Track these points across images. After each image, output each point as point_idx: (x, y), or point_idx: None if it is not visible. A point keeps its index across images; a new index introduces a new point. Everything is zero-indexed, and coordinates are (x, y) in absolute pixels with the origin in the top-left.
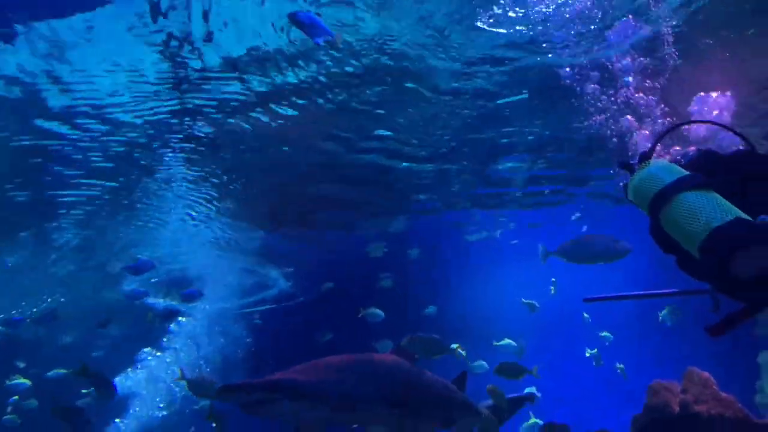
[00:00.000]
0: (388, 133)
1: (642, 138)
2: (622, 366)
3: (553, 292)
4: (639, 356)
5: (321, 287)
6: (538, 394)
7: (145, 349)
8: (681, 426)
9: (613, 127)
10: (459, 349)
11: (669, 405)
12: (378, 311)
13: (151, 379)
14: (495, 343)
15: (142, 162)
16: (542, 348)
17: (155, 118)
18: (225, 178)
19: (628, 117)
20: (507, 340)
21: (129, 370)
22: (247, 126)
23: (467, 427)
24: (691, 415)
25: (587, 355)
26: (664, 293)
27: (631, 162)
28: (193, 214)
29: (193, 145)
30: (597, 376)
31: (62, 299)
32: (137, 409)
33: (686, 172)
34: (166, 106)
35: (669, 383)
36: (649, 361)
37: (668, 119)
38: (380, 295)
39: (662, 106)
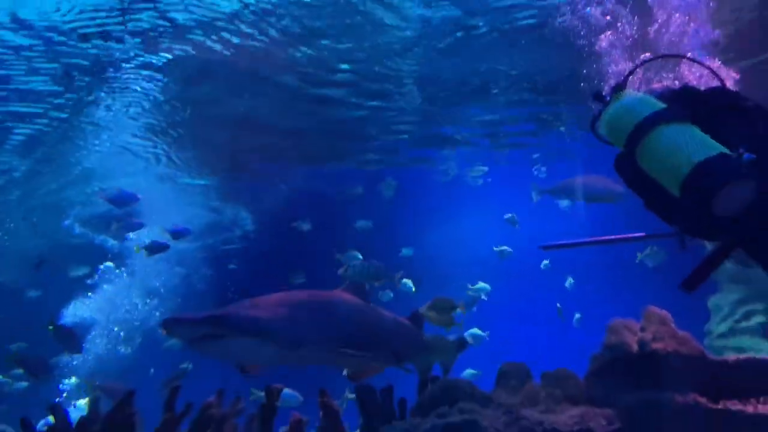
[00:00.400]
0: (348, 66)
1: (615, 72)
2: (559, 305)
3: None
4: (594, 301)
5: (290, 227)
6: (484, 334)
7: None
8: (639, 363)
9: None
10: (399, 277)
11: (627, 343)
12: (357, 254)
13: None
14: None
15: (83, 84)
16: (512, 294)
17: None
18: (174, 109)
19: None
20: (481, 284)
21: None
22: (194, 52)
23: (427, 363)
24: (648, 352)
25: (558, 307)
26: (624, 238)
27: (604, 94)
28: (141, 145)
29: (142, 72)
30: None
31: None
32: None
33: (663, 105)
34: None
35: (628, 322)
36: (604, 305)
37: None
38: (352, 236)
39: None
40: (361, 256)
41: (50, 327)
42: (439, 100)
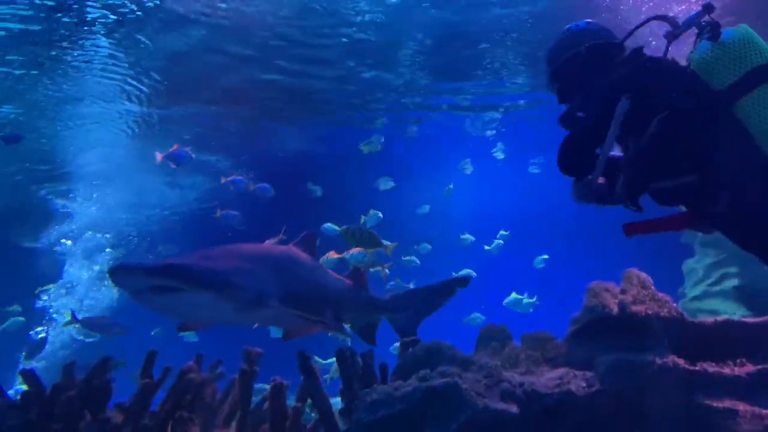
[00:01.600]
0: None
1: None
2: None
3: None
4: (570, 263)
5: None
6: (473, 274)
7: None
8: (618, 325)
9: None
10: (390, 247)
11: (607, 305)
12: (378, 213)
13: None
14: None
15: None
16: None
17: None
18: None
19: None
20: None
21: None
22: None
23: (367, 323)
24: (628, 314)
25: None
26: None
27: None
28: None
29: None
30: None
31: None
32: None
33: None
34: None
35: (608, 284)
36: (579, 268)
37: None
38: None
39: None
40: (381, 215)
41: None
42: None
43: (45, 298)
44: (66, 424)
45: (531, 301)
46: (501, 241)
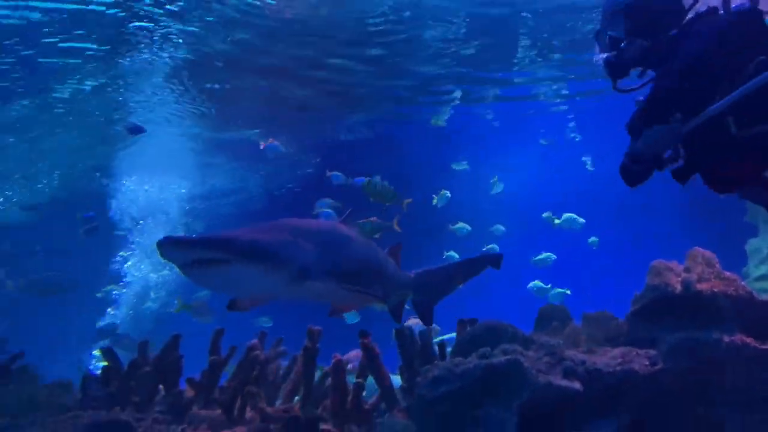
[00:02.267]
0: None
1: None
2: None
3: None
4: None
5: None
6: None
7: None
8: (682, 304)
9: None
10: (405, 202)
11: (670, 284)
12: (447, 193)
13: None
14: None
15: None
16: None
17: None
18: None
19: None
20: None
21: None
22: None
23: (399, 300)
24: (693, 293)
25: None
26: None
27: None
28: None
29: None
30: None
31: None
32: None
33: None
34: None
35: (671, 263)
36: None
37: None
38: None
39: None
40: (449, 194)
41: None
42: None
43: (128, 263)
44: (143, 396)
45: (560, 291)
46: (578, 217)
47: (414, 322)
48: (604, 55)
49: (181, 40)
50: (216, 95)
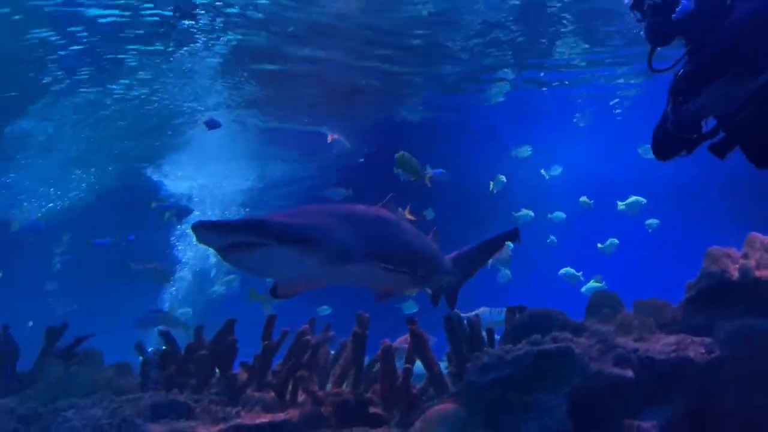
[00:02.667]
0: None
1: None
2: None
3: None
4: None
5: None
6: (578, 274)
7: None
8: (740, 291)
9: None
10: (429, 176)
11: (727, 271)
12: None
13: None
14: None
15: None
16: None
17: None
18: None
19: None
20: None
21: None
22: None
23: (439, 284)
24: (752, 280)
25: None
26: None
27: None
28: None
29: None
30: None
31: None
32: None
33: None
34: None
35: (728, 249)
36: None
37: None
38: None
39: None
40: (504, 179)
41: None
42: None
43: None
44: (200, 379)
45: (596, 284)
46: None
47: (484, 310)
48: (646, 23)
49: (230, 36)
50: (267, 84)
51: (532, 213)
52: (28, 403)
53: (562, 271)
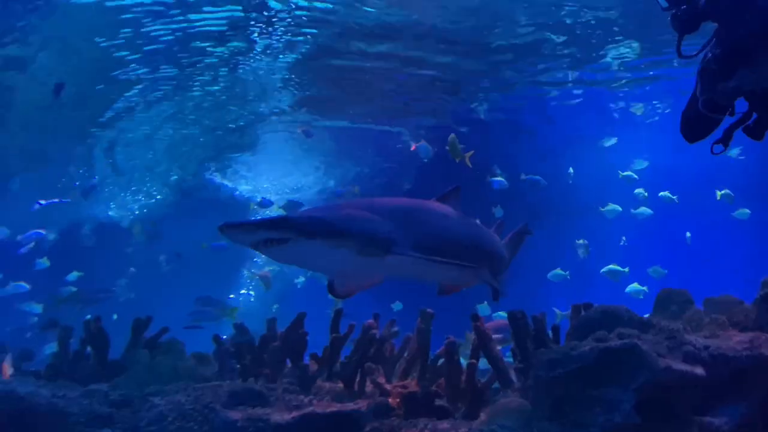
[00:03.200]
0: None
1: None
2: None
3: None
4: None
5: None
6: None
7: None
8: None
9: None
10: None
11: None
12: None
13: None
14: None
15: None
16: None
17: None
18: None
19: None
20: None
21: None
22: None
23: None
24: None
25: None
26: None
27: None
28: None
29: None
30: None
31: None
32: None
33: None
34: None
35: None
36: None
37: None
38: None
39: None
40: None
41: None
42: None
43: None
44: (273, 369)
45: (638, 288)
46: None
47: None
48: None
49: (300, 38)
50: (338, 84)
51: (619, 208)
52: (119, 389)
53: (605, 269)
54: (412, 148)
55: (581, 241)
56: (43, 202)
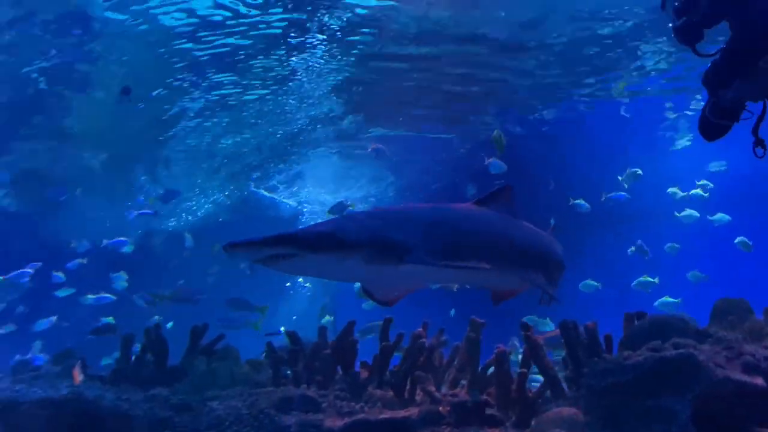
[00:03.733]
0: None
1: None
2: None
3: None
4: None
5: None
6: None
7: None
8: None
9: None
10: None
11: None
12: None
13: None
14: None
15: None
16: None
17: None
18: None
19: None
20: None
21: None
22: None
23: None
24: None
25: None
26: None
27: None
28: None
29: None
30: None
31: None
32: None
33: None
34: None
35: None
36: None
37: None
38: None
39: None
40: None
41: None
42: None
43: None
44: (324, 376)
45: (670, 300)
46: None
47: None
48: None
49: (341, 56)
50: (394, 92)
51: (696, 213)
52: (179, 394)
53: (637, 281)
54: (486, 162)
55: (638, 244)
56: (140, 211)
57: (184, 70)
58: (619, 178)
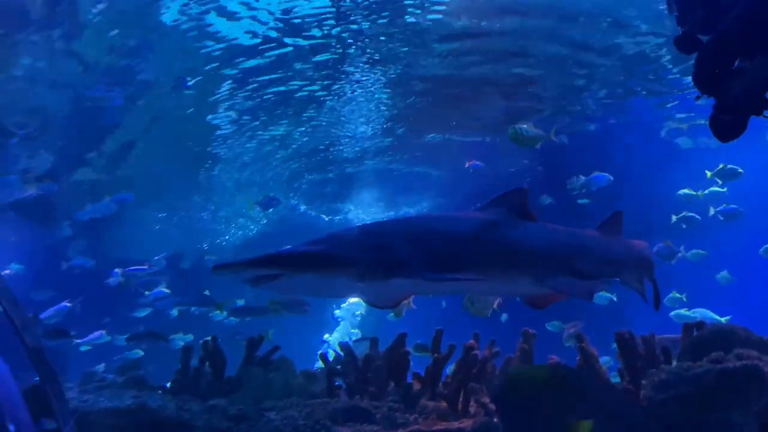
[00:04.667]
0: None
1: None
2: None
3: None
4: None
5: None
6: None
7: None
8: None
9: None
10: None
11: None
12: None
13: None
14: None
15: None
16: None
17: None
18: None
19: None
20: None
21: None
22: None
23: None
24: None
25: None
26: None
27: None
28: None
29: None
30: None
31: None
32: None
33: None
34: None
35: None
36: None
37: None
38: None
39: None
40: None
41: None
42: None
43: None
44: (377, 387)
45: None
46: None
47: None
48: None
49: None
50: (445, 102)
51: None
52: (237, 404)
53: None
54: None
55: (666, 243)
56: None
57: (228, 78)
58: (708, 173)
